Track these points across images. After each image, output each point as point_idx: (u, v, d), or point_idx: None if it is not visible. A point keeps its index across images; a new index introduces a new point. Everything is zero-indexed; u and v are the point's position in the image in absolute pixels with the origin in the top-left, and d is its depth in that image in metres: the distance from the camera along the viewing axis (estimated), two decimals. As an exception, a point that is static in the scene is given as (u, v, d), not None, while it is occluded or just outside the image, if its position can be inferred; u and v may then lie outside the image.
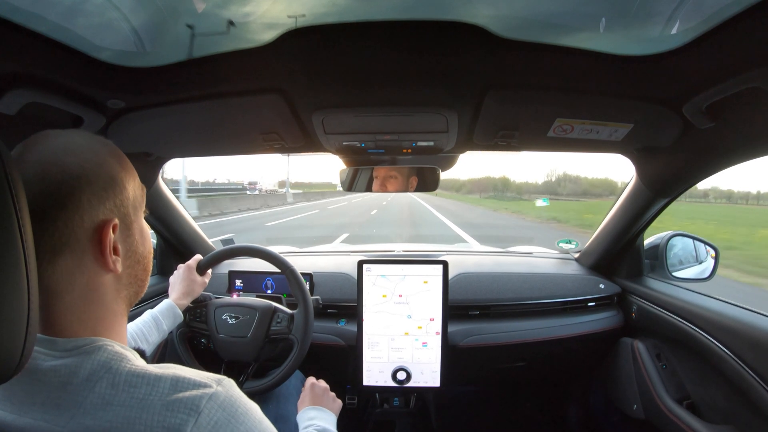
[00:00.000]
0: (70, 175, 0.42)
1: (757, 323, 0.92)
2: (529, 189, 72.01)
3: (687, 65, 0.66)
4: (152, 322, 0.96)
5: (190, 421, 0.39)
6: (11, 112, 0.70)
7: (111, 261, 0.44)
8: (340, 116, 0.91)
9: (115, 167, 0.47)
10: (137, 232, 0.49)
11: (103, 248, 0.44)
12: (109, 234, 0.44)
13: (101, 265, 0.44)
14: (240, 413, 0.43)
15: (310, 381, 0.98)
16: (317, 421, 0.85)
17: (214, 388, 0.42)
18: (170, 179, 18.27)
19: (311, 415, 0.87)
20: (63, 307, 0.43)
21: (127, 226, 0.47)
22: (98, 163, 0.45)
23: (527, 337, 1.33)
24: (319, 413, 0.88)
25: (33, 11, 0.56)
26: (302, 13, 0.62)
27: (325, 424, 0.85)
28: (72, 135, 0.46)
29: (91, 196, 0.43)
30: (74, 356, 0.41)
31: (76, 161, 0.43)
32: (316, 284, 1.41)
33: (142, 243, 0.50)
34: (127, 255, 0.47)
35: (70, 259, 0.42)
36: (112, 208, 0.45)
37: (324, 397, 0.94)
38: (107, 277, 0.45)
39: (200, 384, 0.42)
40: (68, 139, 0.45)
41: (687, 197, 26.51)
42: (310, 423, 0.84)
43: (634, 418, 1.30)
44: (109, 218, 0.44)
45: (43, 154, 0.43)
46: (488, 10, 0.62)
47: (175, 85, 0.80)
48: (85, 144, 0.45)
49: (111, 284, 0.46)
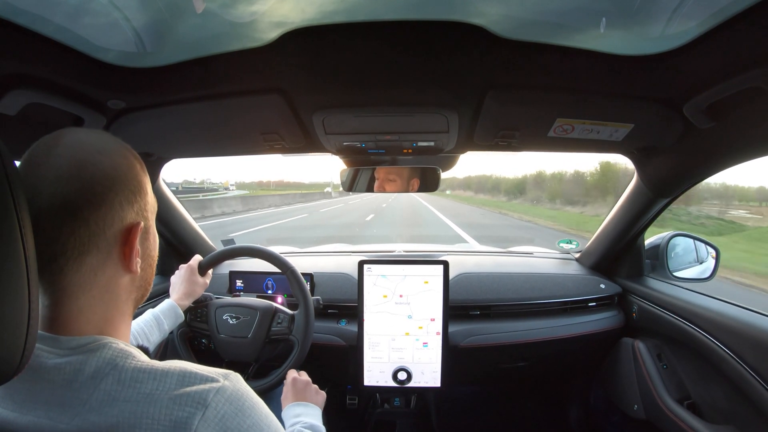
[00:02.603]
0: (105, 175, 0.43)
1: (758, 323, 0.92)
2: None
3: (688, 65, 0.66)
4: (153, 321, 0.96)
5: (197, 414, 0.40)
6: (12, 113, 0.70)
7: (135, 263, 0.45)
8: (341, 116, 0.91)
9: (140, 171, 0.48)
10: (152, 236, 0.51)
11: (129, 250, 0.45)
12: (137, 236, 0.45)
13: (123, 267, 0.45)
14: (247, 407, 0.43)
15: (290, 375, 0.96)
16: (303, 418, 0.83)
17: (222, 382, 0.43)
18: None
19: (297, 411, 0.85)
20: (77, 308, 0.43)
21: (146, 229, 0.49)
22: (128, 166, 0.46)
23: (528, 337, 1.33)
24: (304, 409, 0.86)
25: (34, 12, 0.56)
26: (302, 13, 0.63)
27: (312, 419, 0.83)
28: (101, 135, 0.47)
29: (123, 199, 0.44)
30: (79, 354, 0.41)
31: (111, 162, 0.44)
32: (316, 284, 1.41)
33: (154, 247, 0.52)
34: (143, 258, 0.48)
35: (96, 259, 0.43)
36: (138, 211, 0.46)
37: (307, 391, 0.92)
38: (125, 278, 0.46)
39: (207, 378, 0.42)
40: (100, 139, 0.46)
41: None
42: (296, 420, 0.82)
43: (635, 418, 1.30)
44: (137, 221, 0.46)
45: (78, 151, 0.43)
46: (488, 11, 0.62)
47: (176, 86, 0.80)
48: (114, 146, 0.46)
49: (126, 286, 0.47)
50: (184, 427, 0.39)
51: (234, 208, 16.80)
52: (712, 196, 21.95)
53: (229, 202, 17.32)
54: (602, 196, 22.17)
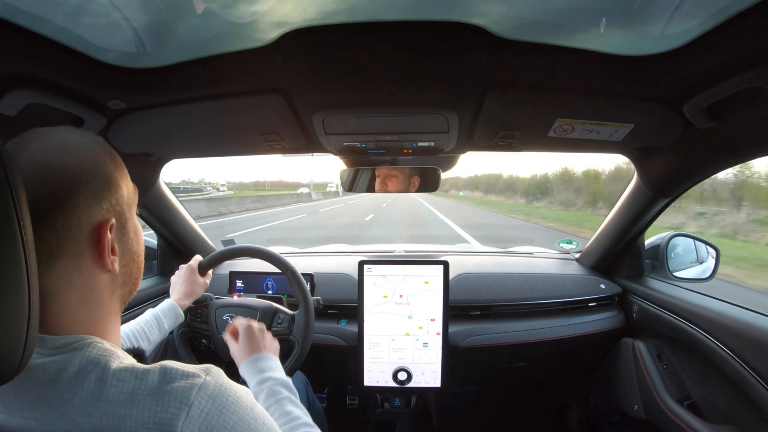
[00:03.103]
0: (67, 175, 0.42)
1: (758, 323, 0.92)
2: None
3: (688, 65, 0.66)
4: (154, 320, 0.96)
5: (181, 415, 0.39)
6: (12, 113, 0.70)
7: (109, 261, 0.44)
8: (341, 117, 0.91)
9: (110, 166, 0.46)
10: (132, 230, 0.49)
11: (102, 248, 0.43)
12: (107, 234, 0.44)
13: (99, 266, 0.44)
14: (230, 402, 0.43)
15: (242, 323, 0.87)
16: (270, 373, 0.75)
17: (203, 377, 0.42)
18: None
19: (260, 366, 0.77)
20: (58, 310, 0.42)
21: (122, 225, 0.47)
22: (94, 162, 0.44)
23: (528, 337, 1.33)
24: (267, 362, 0.78)
25: (34, 12, 0.56)
26: (304, 12, 0.63)
27: (280, 374, 0.75)
28: (66, 133, 0.45)
29: (89, 197, 0.43)
30: (63, 353, 0.41)
31: (73, 161, 0.43)
32: (316, 285, 1.41)
33: (136, 241, 0.50)
34: (123, 254, 0.47)
35: (68, 261, 0.42)
36: (108, 207, 0.45)
37: (264, 338, 0.85)
38: (104, 277, 0.45)
39: (188, 374, 0.42)
40: (63, 138, 0.44)
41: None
42: (263, 377, 0.74)
43: (635, 418, 1.30)
44: (106, 218, 0.44)
45: (39, 153, 0.42)
46: (489, 11, 0.62)
47: (176, 86, 0.80)
48: (80, 143, 0.45)
49: (107, 284, 0.46)
50: (168, 430, 0.38)
51: (198, 213, 14.56)
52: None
53: (201, 205, 15.76)
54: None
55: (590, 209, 21.54)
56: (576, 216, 18.46)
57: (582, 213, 20.62)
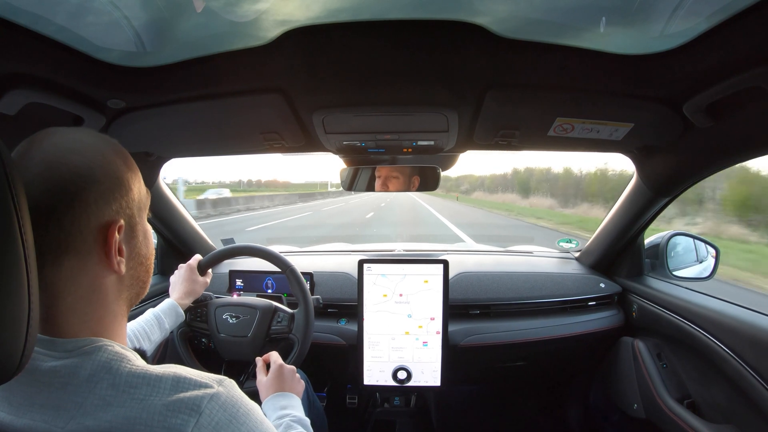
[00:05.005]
0: (77, 174, 0.42)
1: (758, 322, 0.92)
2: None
3: (687, 64, 0.66)
4: (154, 320, 0.96)
5: (190, 421, 0.39)
6: (11, 112, 0.70)
7: (116, 262, 0.44)
8: (341, 116, 0.91)
9: (121, 167, 0.47)
10: (141, 233, 0.49)
11: (109, 249, 0.44)
12: (114, 235, 0.44)
13: (105, 266, 0.44)
14: (241, 414, 0.43)
15: (276, 362, 0.90)
16: (290, 411, 0.79)
17: (216, 388, 0.42)
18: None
19: (282, 403, 0.81)
20: (64, 308, 0.42)
21: (131, 227, 0.47)
22: (105, 163, 0.45)
23: (528, 336, 1.33)
24: (290, 401, 0.82)
25: (34, 12, 0.56)
26: (308, 11, 0.62)
27: (299, 413, 0.79)
28: (78, 133, 0.46)
29: (98, 197, 0.43)
30: (74, 357, 0.41)
31: (83, 160, 0.43)
32: (316, 284, 1.41)
33: (145, 244, 0.50)
34: (130, 256, 0.47)
35: (75, 260, 0.42)
36: (118, 209, 0.45)
37: (293, 380, 0.88)
38: (110, 278, 0.45)
39: (201, 384, 0.42)
40: (75, 138, 0.45)
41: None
42: (283, 413, 0.78)
43: (635, 417, 1.30)
44: (115, 219, 0.44)
45: (50, 152, 0.42)
46: (489, 10, 0.62)
47: (176, 85, 0.80)
48: (91, 143, 0.45)
49: (113, 285, 0.46)
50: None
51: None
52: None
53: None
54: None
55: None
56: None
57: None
